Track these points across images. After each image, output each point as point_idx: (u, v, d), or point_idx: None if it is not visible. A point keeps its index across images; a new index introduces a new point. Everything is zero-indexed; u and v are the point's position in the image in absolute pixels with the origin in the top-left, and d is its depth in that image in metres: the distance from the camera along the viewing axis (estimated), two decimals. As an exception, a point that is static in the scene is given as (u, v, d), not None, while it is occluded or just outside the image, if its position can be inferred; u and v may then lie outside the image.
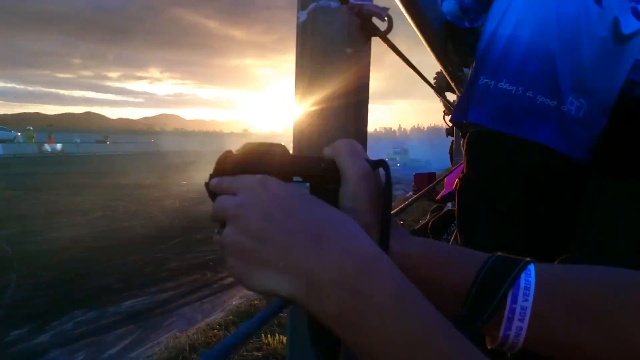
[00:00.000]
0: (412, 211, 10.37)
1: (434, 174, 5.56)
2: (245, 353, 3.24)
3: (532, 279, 0.53)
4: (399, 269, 0.57)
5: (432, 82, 3.20)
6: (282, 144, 0.59)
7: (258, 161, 0.56)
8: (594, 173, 1.74)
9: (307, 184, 0.58)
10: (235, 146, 0.60)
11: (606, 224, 1.85)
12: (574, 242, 1.78)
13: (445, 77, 3.05)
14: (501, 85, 1.64)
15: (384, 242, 0.56)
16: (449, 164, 4.42)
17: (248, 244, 0.48)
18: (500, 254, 0.58)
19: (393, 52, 1.07)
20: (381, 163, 0.59)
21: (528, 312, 0.52)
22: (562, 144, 1.63)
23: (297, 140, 0.73)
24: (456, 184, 1.91)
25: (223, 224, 0.52)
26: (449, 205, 4.18)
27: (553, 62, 1.62)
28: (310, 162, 0.59)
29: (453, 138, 4.14)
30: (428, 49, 1.99)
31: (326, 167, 0.58)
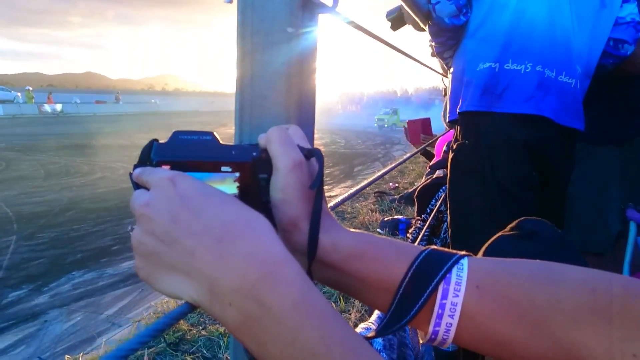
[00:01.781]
0: (407, 173, 10.37)
1: (428, 119, 5.37)
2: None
3: (464, 274, 0.52)
4: (331, 261, 0.56)
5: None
6: (214, 132, 0.56)
7: (184, 151, 0.54)
8: (582, 140, 1.77)
9: (237, 174, 0.55)
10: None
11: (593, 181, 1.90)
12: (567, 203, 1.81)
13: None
14: (508, 66, 1.67)
15: (313, 234, 0.54)
16: (444, 127, 4.37)
17: (154, 245, 0.46)
18: (434, 247, 0.56)
19: (351, 26, 1.03)
20: (314, 152, 0.57)
21: (458, 308, 0.51)
22: (563, 116, 1.65)
23: (239, 126, 0.69)
24: (449, 151, 1.91)
25: None
26: (440, 172, 4.14)
27: (556, 35, 1.64)
28: (240, 152, 0.56)
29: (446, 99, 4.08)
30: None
31: (258, 157, 0.56)
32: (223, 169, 0.54)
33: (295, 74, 0.67)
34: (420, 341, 0.55)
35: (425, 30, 1.94)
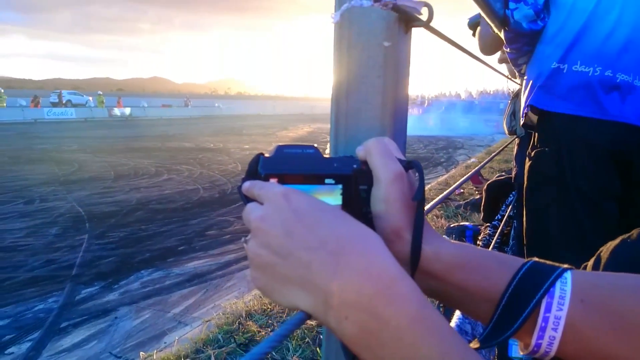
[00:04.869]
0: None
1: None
2: None
3: (568, 288, 0.51)
4: (434, 271, 0.56)
5: None
6: (315, 145, 0.58)
7: (289, 164, 0.56)
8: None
9: (340, 186, 0.56)
10: (296, 111, 0.58)
11: None
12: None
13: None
14: (576, 68, 1.63)
15: (415, 247, 0.54)
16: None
17: (269, 258, 0.47)
18: (536, 259, 0.56)
19: (441, 39, 1.02)
20: (414, 164, 0.58)
21: (562, 322, 0.50)
22: None
23: (335, 138, 0.70)
24: (526, 161, 1.87)
25: None
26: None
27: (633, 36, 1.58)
28: (341, 164, 0.57)
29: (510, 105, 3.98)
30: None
31: (358, 169, 0.57)
32: (327, 181, 0.56)
33: (390, 87, 0.67)
34: (520, 352, 0.55)
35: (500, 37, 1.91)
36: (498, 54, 3.35)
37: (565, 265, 0.54)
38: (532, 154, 1.78)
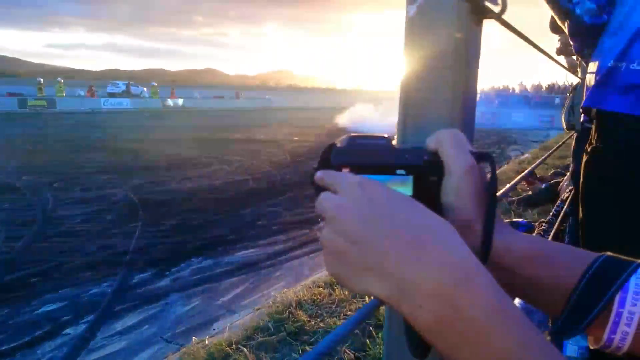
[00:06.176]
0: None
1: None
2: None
3: None
4: (504, 264, 0.56)
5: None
6: (387, 135, 0.58)
7: (361, 155, 0.56)
8: None
9: (411, 177, 0.56)
10: (344, 102, 0.58)
11: None
12: None
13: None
14: (633, 66, 1.55)
15: (487, 239, 0.53)
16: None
17: (344, 246, 0.47)
18: (609, 254, 0.54)
19: (510, 31, 0.99)
20: (486, 156, 0.57)
21: (636, 318, 0.49)
22: None
23: (403, 128, 0.69)
24: (583, 157, 1.82)
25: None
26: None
27: None
28: (412, 155, 0.57)
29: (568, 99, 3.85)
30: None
31: (429, 160, 0.57)
32: (398, 172, 0.56)
33: (460, 79, 0.66)
34: (591, 346, 0.53)
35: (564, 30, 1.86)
36: (557, 46, 3.25)
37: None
38: (589, 149, 1.72)
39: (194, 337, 3.73)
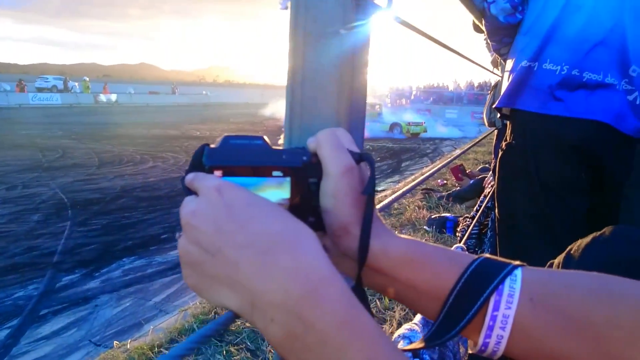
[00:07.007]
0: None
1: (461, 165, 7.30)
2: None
3: (517, 286, 0.50)
4: (382, 268, 0.55)
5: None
6: (264, 136, 0.55)
7: (235, 156, 0.53)
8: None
9: (288, 179, 0.54)
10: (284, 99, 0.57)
11: None
12: (621, 213, 1.74)
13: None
14: (546, 66, 1.62)
15: (364, 240, 0.53)
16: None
17: (198, 255, 0.46)
18: (487, 256, 0.54)
19: (408, 28, 1.01)
20: (366, 157, 0.56)
21: (510, 321, 0.49)
22: (616, 120, 1.58)
23: (289, 129, 0.68)
24: (499, 152, 1.89)
25: None
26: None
27: (610, 34, 1.56)
28: (290, 156, 0.55)
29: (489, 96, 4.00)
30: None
31: (308, 161, 0.55)
32: (274, 173, 0.54)
33: (346, 77, 0.65)
34: (470, 351, 0.54)
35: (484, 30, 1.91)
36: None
37: (517, 262, 0.53)
38: (504, 146, 1.79)
39: (115, 342, 3.62)
